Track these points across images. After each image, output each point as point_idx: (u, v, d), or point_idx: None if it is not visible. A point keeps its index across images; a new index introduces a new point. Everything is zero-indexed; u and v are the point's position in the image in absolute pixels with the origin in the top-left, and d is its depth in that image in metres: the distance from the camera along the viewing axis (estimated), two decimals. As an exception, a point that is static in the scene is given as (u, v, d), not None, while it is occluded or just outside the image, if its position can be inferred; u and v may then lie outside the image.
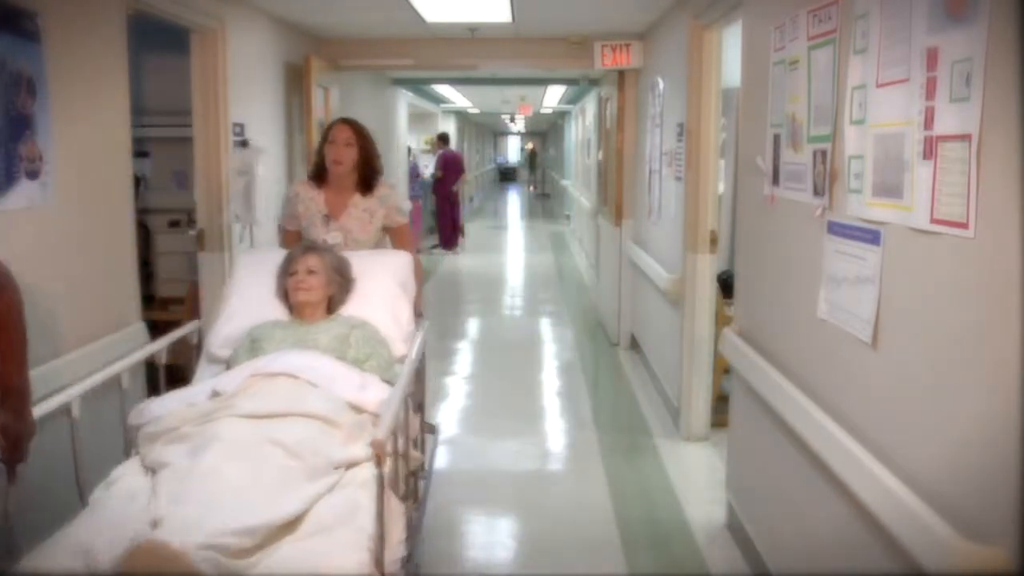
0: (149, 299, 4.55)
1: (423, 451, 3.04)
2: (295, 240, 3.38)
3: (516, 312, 8.38)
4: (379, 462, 1.94)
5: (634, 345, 6.33)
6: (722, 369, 4.35)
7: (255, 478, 1.98)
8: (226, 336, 2.92)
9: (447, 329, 7.48)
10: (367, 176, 3.36)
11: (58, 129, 2.82)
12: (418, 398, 3.04)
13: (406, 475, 2.49)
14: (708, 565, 3.15)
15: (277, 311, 2.96)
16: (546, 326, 7.55)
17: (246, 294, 3.04)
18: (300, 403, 2.31)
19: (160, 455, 2.12)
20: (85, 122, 3.06)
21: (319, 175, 3.37)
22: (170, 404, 2.41)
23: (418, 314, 3.31)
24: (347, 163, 3.29)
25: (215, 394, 2.43)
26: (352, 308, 2.98)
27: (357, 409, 2.43)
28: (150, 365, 3.04)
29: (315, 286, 2.89)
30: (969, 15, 1.57)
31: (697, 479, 3.95)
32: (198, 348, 3.05)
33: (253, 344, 2.77)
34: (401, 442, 2.39)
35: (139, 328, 3.43)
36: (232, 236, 4.47)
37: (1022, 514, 1.43)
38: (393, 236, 3.51)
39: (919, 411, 1.80)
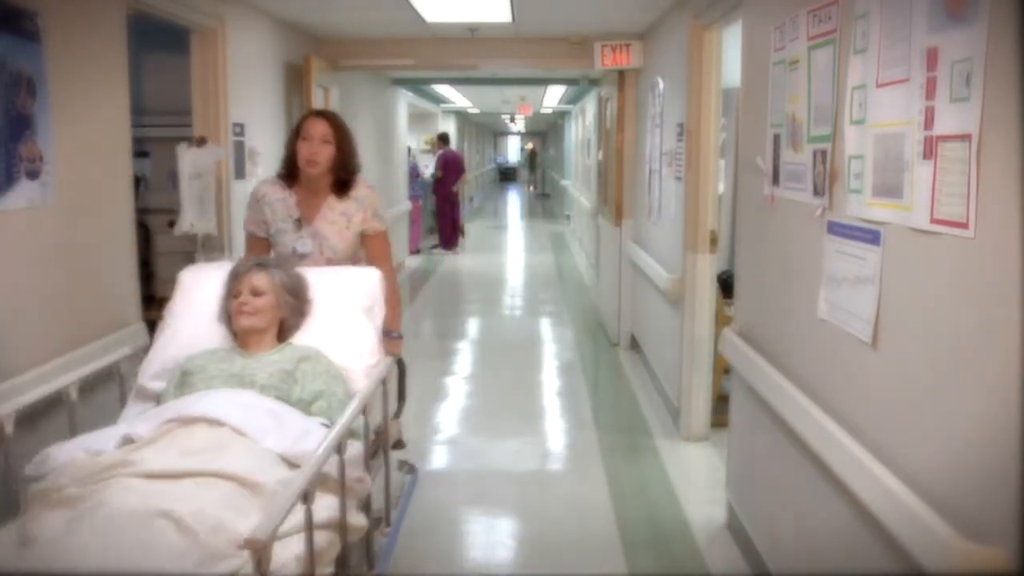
0: (149, 299, 4.54)
1: (386, 504, 2.66)
2: (263, 249, 3.03)
3: (516, 312, 8.38)
4: (259, 566, 1.52)
5: (634, 345, 6.33)
6: (722, 369, 4.35)
7: (134, 566, 1.62)
8: (160, 367, 2.53)
9: (447, 329, 7.51)
10: (344, 177, 3.00)
11: (58, 129, 2.82)
12: (386, 440, 2.69)
13: (340, 552, 2.04)
14: (708, 565, 3.15)
15: (221, 338, 2.58)
16: (546, 326, 7.55)
17: (187, 317, 2.64)
18: (215, 459, 1.94)
19: (33, 526, 1.77)
20: (85, 122, 3.06)
21: (290, 174, 3.01)
22: (76, 451, 2.01)
23: (396, 336, 3.00)
24: (322, 162, 2.92)
25: (126, 441, 2.06)
26: (305, 335, 2.59)
27: (292, 464, 2.04)
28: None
29: (261, 309, 2.49)
30: (969, 15, 1.57)
31: (697, 479, 3.94)
32: (122, 379, 2.68)
33: (183, 379, 2.40)
34: (330, 510, 1.99)
35: (139, 328, 3.43)
36: (233, 237, 4.46)
37: (1022, 514, 1.43)
38: (368, 245, 3.07)
39: (919, 411, 1.80)
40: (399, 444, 3.10)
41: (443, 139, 13.03)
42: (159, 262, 5.12)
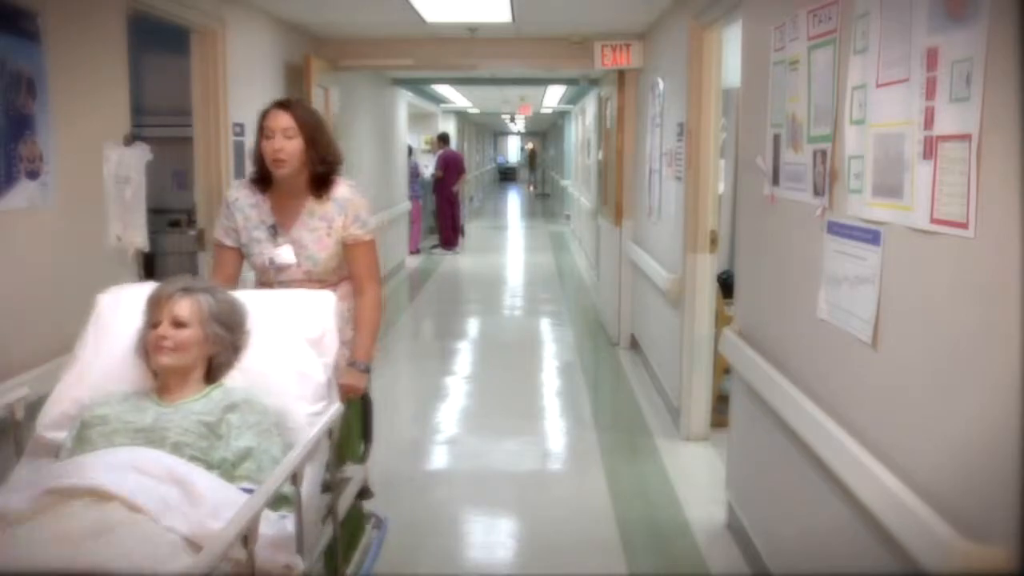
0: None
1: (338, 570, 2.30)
2: (232, 262, 2.69)
3: (516, 312, 8.38)
4: None
5: (634, 345, 6.33)
6: (722, 369, 4.35)
7: None
8: (62, 412, 2.07)
9: (447, 329, 7.51)
10: (320, 173, 2.63)
11: (58, 129, 2.82)
12: (335, 504, 2.30)
13: None
14: (708, 565, 3.15)
15: (140, 377, 2.12)
16: (546, 326, 7.55)
17: (100, 351, 2.19)
18: (94, 550, 1.54)
19: None
20: (85, 122, 3.06)
21: (262, 177, 2.67)
22: None
23: (363, 369, 2.61)
24: (291, 160, 2.56)
25: None
26: (238, 374, 2.15)
27: (199, 548, 1.61)
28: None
29: (184, 344, 2.05)
30: (969, 15, 1.57)
31: (697, 479, 3.94)
32: (19, 427, 2.20)
33: (82, 432, 1.96)
34: None
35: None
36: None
37: (1022, 514, 1.43)
38: (349, 257, 2.68)
39: (919, 411, 1.80)
40: (366, 493, 2.79)
41: (443, 139, 13.03)
42: (159, 262, 5.12)
